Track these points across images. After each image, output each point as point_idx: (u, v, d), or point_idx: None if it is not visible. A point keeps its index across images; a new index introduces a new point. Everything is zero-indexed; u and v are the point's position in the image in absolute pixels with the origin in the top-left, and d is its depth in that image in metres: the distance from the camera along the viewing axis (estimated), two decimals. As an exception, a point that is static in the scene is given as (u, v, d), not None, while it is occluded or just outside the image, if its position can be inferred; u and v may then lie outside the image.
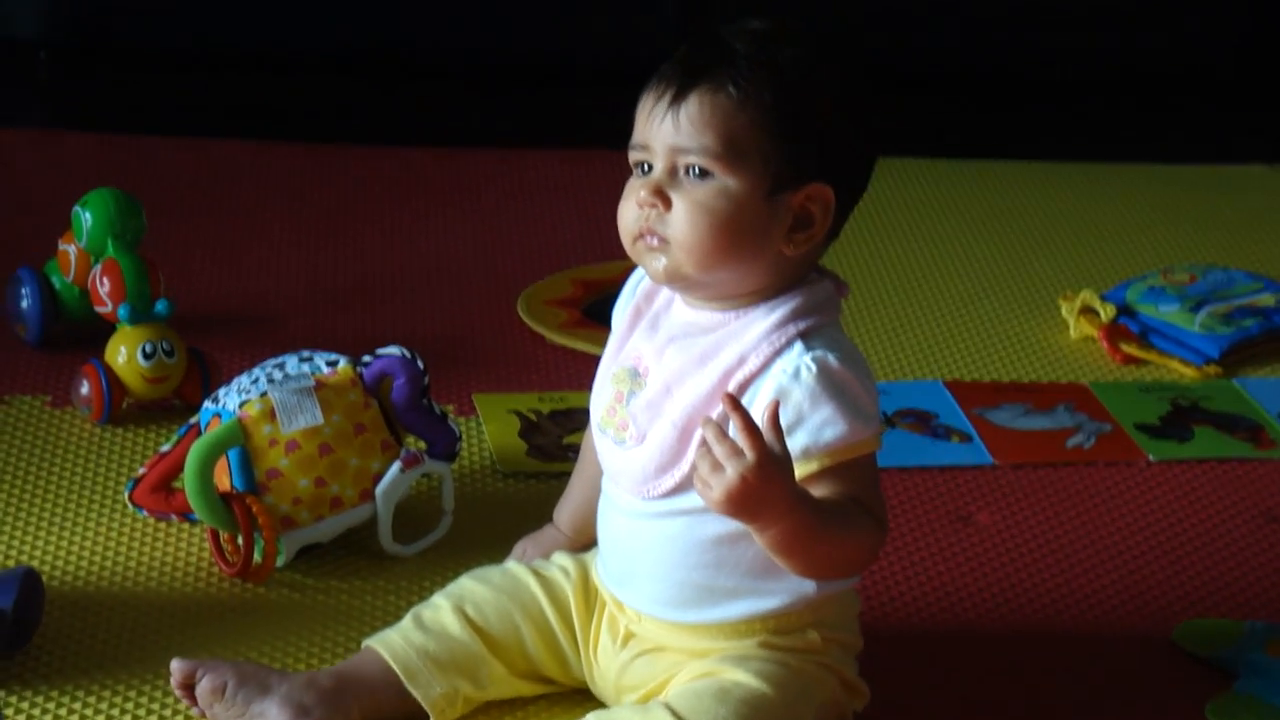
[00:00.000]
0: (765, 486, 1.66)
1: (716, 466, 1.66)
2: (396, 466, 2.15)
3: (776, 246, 1.80)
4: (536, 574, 1.97)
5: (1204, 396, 2.60)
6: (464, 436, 2.34)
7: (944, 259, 2.95)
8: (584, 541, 2.01)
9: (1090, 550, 2.27)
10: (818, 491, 1.77)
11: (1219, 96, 3.60)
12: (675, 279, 1.81)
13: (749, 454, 1.65)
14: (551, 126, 3.16)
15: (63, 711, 1.91)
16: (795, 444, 1.76)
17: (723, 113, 1.77)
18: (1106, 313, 2.71)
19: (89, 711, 1.91)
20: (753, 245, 1.79)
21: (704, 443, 1.68)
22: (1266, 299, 2.77)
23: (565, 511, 2.08)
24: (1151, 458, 2.46)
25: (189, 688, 1.89)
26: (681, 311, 1.87)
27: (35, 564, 2.12)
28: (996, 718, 1.98)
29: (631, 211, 1.81)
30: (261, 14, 3.38)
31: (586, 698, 1.94)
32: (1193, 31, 3.56)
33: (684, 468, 1.79)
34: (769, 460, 1.66)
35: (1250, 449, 2.49)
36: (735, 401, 1.67)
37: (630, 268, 1.90)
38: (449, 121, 3.32)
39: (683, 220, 1.78)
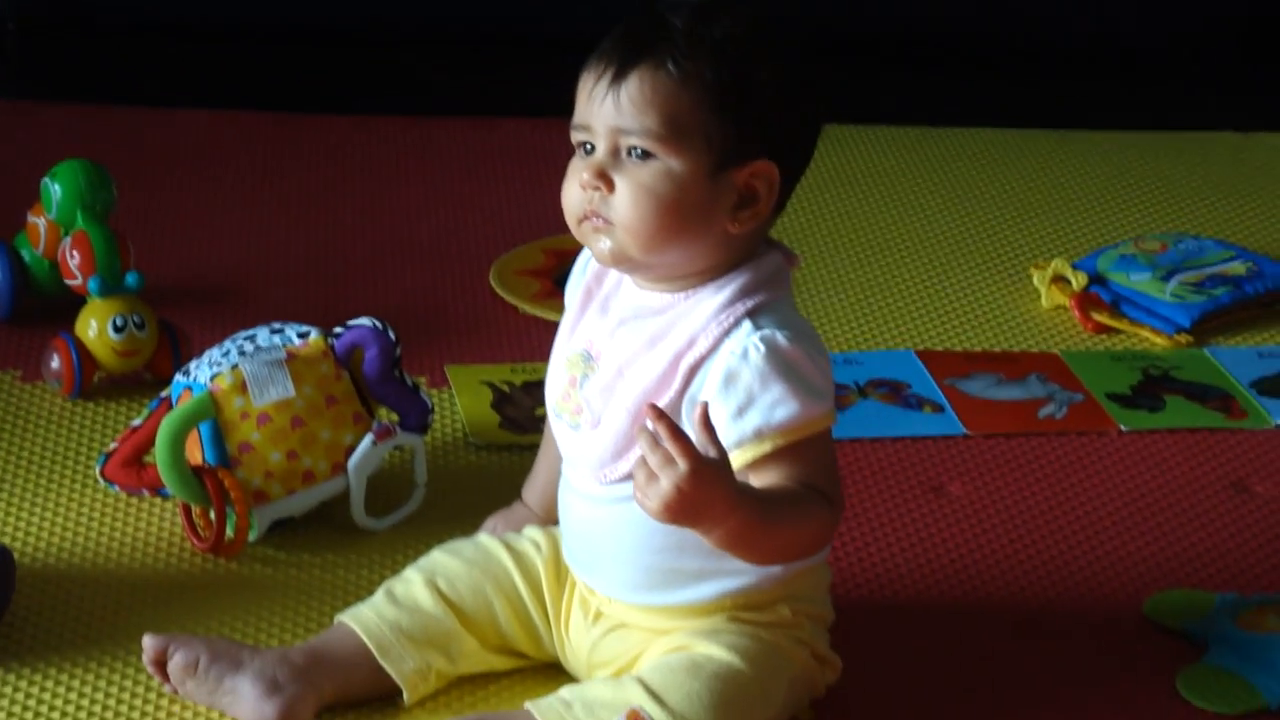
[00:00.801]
0: (701, 493, 1.65)
1: (651, 476, 1.65)
2: (369, 439, 2.15)
3: (722, 225, 1.79)
4: (508, 547, 1.97)
5: (1175, 366, 2.60)
6: (436, 408, 2.35)
7: (915, 227, 2.95)
8: (553, 519, 2.01)
9: (1061, 521, 2.27)
10: (772, 474, 1.77)
11: (1191, 64, 3.60)
12: (621, 261, 1.81)
13: (681, 463, 1.64)
14: (523, 94, 3.15)
15: (34, 689, 1.91)
16: (748, 425, 1.76)
17: (664, 92, 1.76)
18: (1078, 281, 2.72)
19: (60, 689, 1.91)
20: (698, 225, 1.78)
21: (641, 454, 1.67)
22: (1238, 267, 2.77)
23: (534, 491, 2.08)
24: (1123, 428, 2.47)
25: (161, 664, 1.89)
26: (631, 293, 1.86)
27: (5, 541, 2.12)
28: (968, 689, 1.99)
29: (575, 193, 1.80)
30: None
31: (559, 672, 1.95)
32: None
33: (639, 451, 1.79)
34: (702, 466, 1.64)
35: (1221, 419, 2.49)
36: (658, 411, 1.66)
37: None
38: (420, 90, 3.31)
39: (626, 203, 1.77)
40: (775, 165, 1.80)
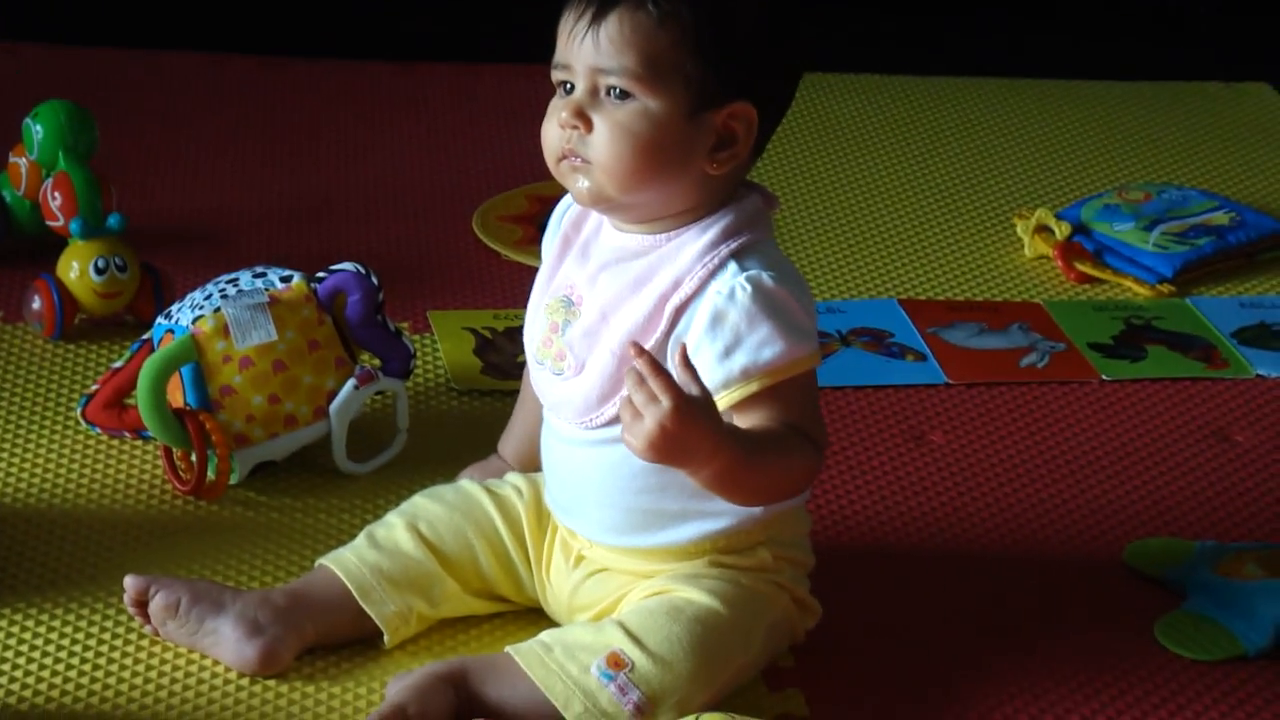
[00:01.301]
0: (686, 430, 1.65)
1: (636, 415, 1.65)
2: (351, 384, 2.16)
3: (700, 166, 1.80)
4: (490, 492, 1.97)
5: (1157, 316, 2.61)
6: (418, 354, 2.35)
7: (899, 176, 2.96)
8: (531, 470, 2.01)
9: (1042, 470, 2.28)
10: (758, 414, 1.78)
11: (1174, 13, 3.60)
12: (599, 201, 1.81)
13: (665, 399, 1.64)
14: (507, 40, 3.14)
15: (15, 629, 1.91)
16: (734, 365, 1.77)
17: (643, 32, 1.76)
18: (1061, 231, 2.72)
19: (41, 629, 1.92)
20: (675, 166, 1.79)
21: (625, 393, 1.68)
22: (1220, 218, 2.77)
23: (509, 445, 2.08)
24: (1104, 377, 2.47)
25: (142, 605, 1.90)
26: (611, 237, 1.86)
27: (-12, 480, 2.12)
28: (948, 636, 1.99)
29: (554, 132, 1.80)
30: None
31: (540, 617, 1.95)
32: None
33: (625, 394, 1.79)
34: (686, 403, 1.65)
35: (1202, 369, 2.50)
36: (640, 348, 1.67)
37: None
38: (405, 35, 3.31)
39: (604, 142, 1.77)
40: (754, 107, 1.80)
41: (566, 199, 1.92)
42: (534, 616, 1.95)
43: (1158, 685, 1.94)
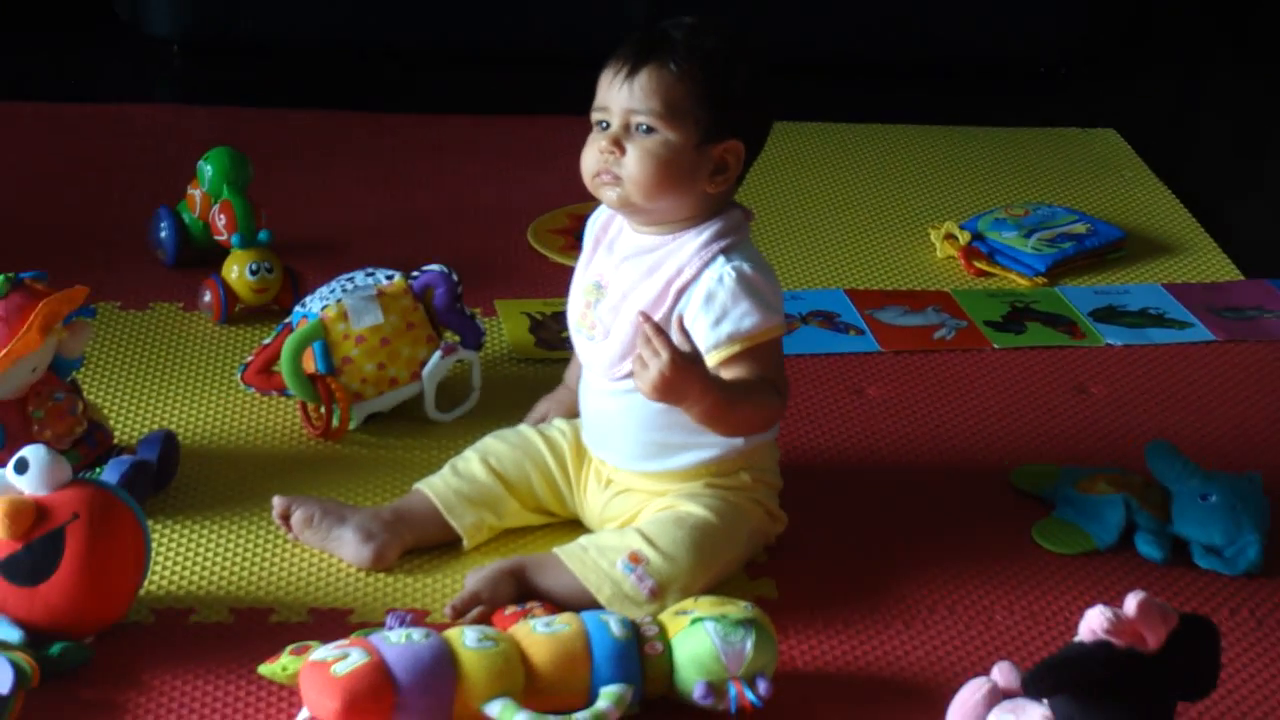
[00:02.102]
0: (680, 376, 1.68)
1: (644, 365, 1.68)
2: (438, 354, 2.15)
3: (702, 186, 1.81)
4: (541, 434, 1.97)
5: (1034, 300, 2.59)
6: (488, 332, 2.34)
7: (844, 198, 2.94)
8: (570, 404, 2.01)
9: (950, 415, 2.27)
10: (739, 369, 1.79)
11: (1047, 75, 3.58)
12: (625, 205, 1.82)
13: (663, 353, 1.67)
14: (550, 98, 3.14)
15: (193, 535, 1.92)
16: (722, 331, 1.78)
17: (666, 84, 1.78)
18: (963, 238, 2.71)
19: (211, 535, 1.92)
20: (685, 184, 1.80)
21: (638, 350, 1.69)
22: (1080, 228, 2.76)
23: (570, 376, 2.07)
24: (996, 346, 2.46)
25: (285, 517, 1.91)
26: (630, 237, 1.87)
27: (172, 427, 2.12)
28: (881, 539, 1.99)
29: (593, 156, 1.82)
30: (335, 15, 3.36)
31: (579, 526, 1.95)
32: (1024, 27, 3.54)
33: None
34: (680, 358, 1.68)
35: (1068, 339, 2.49)
36: (647, 316, 1.70)
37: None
38: (474, 95, 3.29)
39: (634, 163, 1.79)
40: (742, 144, 1.80)
41: (595, 212, 1.92)
42: (574, 526, 1.96)
43: (1034, 572, 1.94)
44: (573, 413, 2.01)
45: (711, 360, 1.77)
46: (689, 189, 1.81)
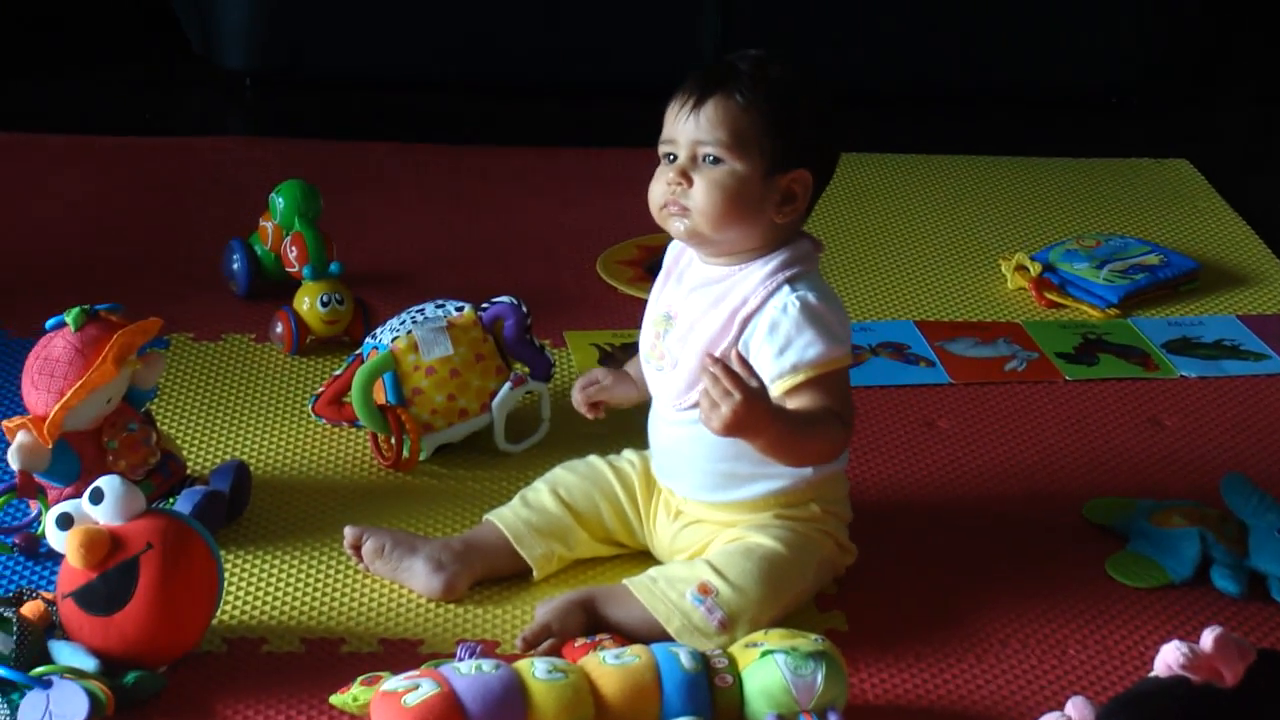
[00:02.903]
0: (749, 413, 1.68)
1: (714, 405, 1.67)
2: (507, 386, 2.16)
3: (769, 216, 1.81)
4: (611, 465, 1.97)
5: (1107, 332, 2.58)
6: (557, 363, 2.35)
7: (915, 230, 2.93)
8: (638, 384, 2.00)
9: (1021, 446, 2.26)
10: (803, 399, 1.78)
11: (1119, 106, 3.57)
12: (693, 237, 1.83)
13: (736, 394, 1.67)
14: (619, 130, 3.15)
15: (265, 565, 1.93)
16: (786, 361, 1.78)
17: (732, 115, 1.78)
18: (1035, 269, 2.70)
19: (283, 566, 1.93)
20: (752, 214, 1.80)
21: (704, 388, 1.69)
22: (1153, 259, 2.75)
23: (631, 368, 2.02)
24: (1067, 378, 2.45)
25: (357, 548, 1.91)
26: (699, 268, 1.87)
27: (244, 458, 2.13)
28: (952, 571, 1.98)
29: (660, 188, 1.82)
30: (404, 48, 3.38)
31: (648, 558, 1.95)
32: (1096, 57, 3.53)
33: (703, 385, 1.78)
34: (750, 395, 1.67)
35: (1141, 371, 2.47)
36: (713, 358, 1.69)
37: (677, 237, 1.89)
38: (544, 127, 3.31)
39: (702, 193, 1.79)
40: (809, 174, 1.80)
41: (674, 243, 1.92)
42: (644, 557, 1.95)
43: (1108, 606, 1.93)
44: (621, 394, 2.00)
45: (775, 390, 1.77)
46: (756, 219, 1.81)
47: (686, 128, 1.80)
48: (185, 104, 3.42)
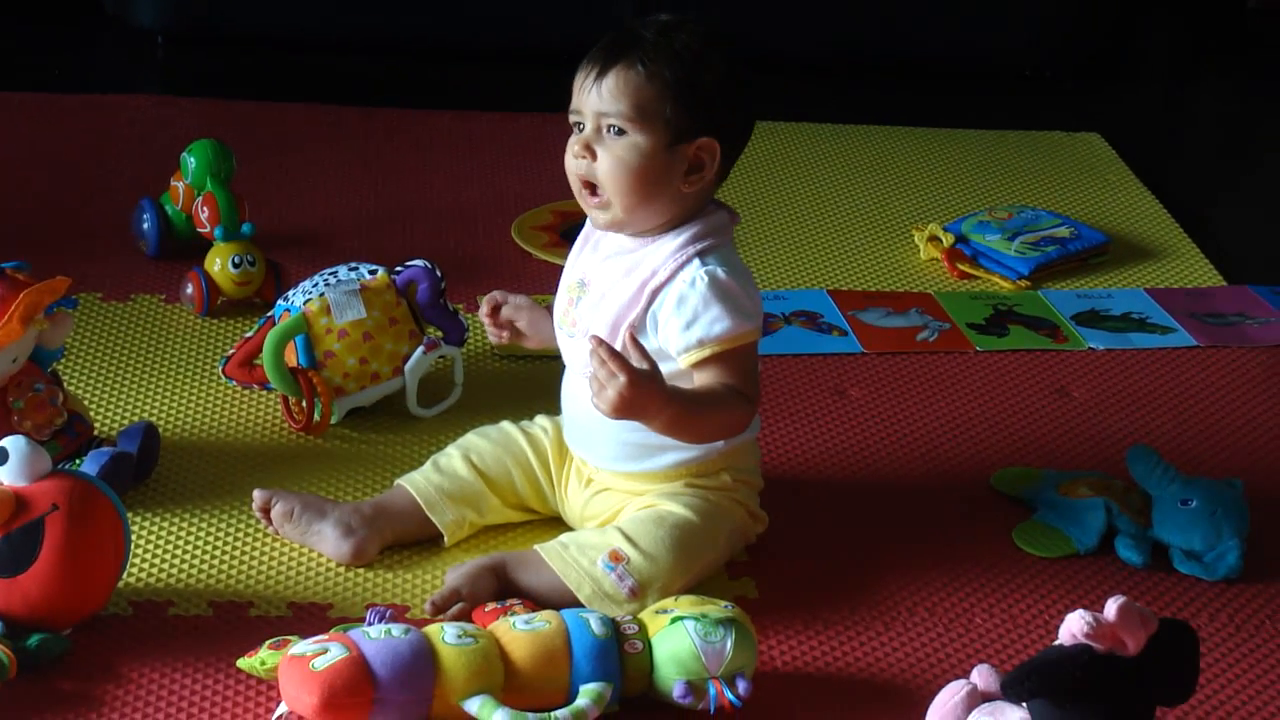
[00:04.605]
0: (637, 395, 1.68)
1: (602, 386, 1.68)
2: (420, 350, 2.15)
3: (676, 186, 1.80)
4: (524, 431, 1.97)
5: (1017, 304, 2.60)
6: (471, 328, 2.34)
7: (829, 199, 2.94)
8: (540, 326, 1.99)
9: (932, 416, 2.27)
10: (708, 373, 1.79)
11: (1032, 79, 3.59)
12: (612, 226, 1.83)
13: (620, 375, 1.67)
14: (536, 95, 3.13)
15: (173, 528, 1.91)
16: (692, 335, 1.78)
17: (633, 85, 1.77)
18: (947, 240, 2.71)
19: (191, 528, 1.92)
20: (659, 185, 1.80)
21: (592, 371, 1.69)
22: (1063, 231, 2.77)
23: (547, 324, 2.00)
24: (978, 348, 2.46)
25: (266, 511, 1.90)
26: (614, 238, 1.87)
27: (153, 419, 2.11)
28: (861, 539, 1.99)
29: (570, 159, 1.82)
30: (320, 8, 3.36)
31: (559, 524, 1.95)
32: (1009, 31, 3.55)
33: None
34: (635, 376, 1.67)
35: (1050, 342, 2.49)
36: (599, 340, 1.69)
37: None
38: (458, 90, 3.29)
39: (605, 168, 1.79)
40: (717, 142, 1.79)
41: None
42: (555, 524, 1.95)
43: (1014, 575, 1.94)
44: (530, 323, 1.98)
45: (682, 363, 1.78)
46: (663, 190, 1.80)
47: (590, 99, 1.79)
48: (96, 63, 3.37)
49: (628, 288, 1.82)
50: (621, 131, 1.78)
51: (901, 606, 1.87)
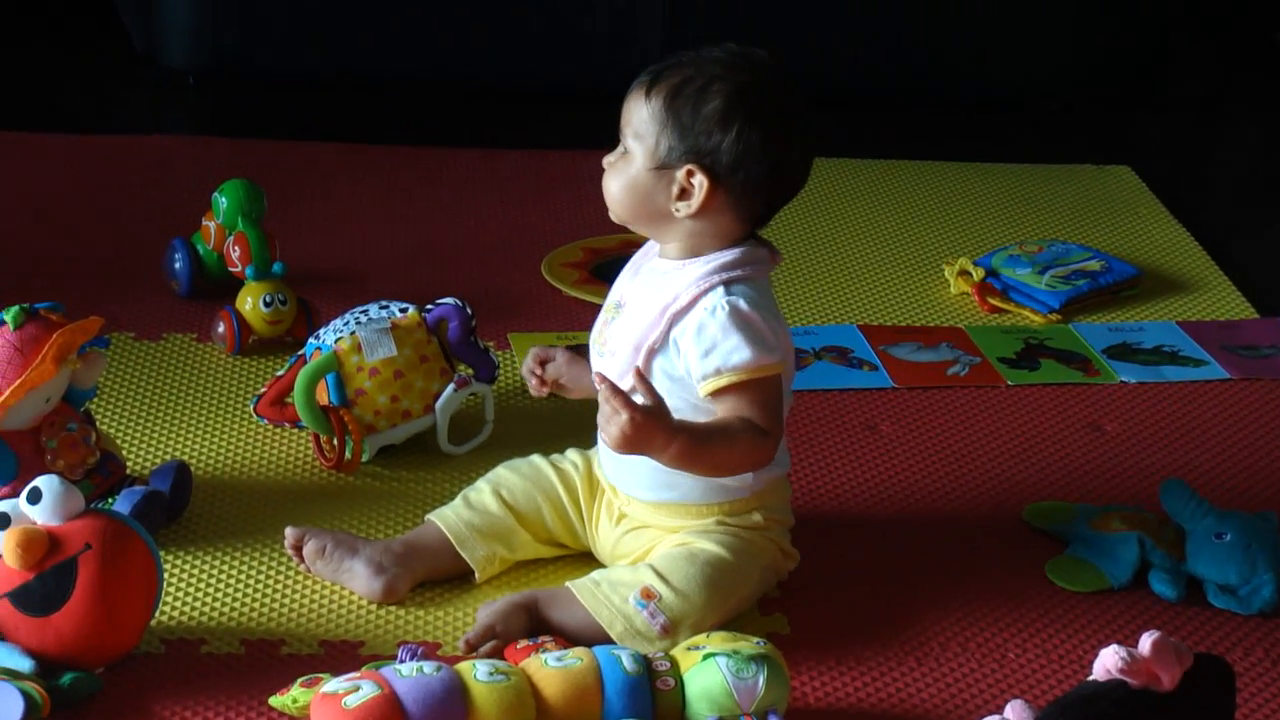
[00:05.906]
0: (642, 431, 1.69)
1: (607, 421, 1.70)
2: (451, 387, 2.15)
3: (666, 208, 1.82)
4: (554, 466, 1.97)
5: (1048, 337, 2.59)
6: (501, 365, 2.34)
7: (858, 234, 2.94)
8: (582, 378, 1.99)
9: (963, 451, 2.27)
10: (726, 403, 1.79)
11: (1062, 112, 3.59)
12: (616, 220, 1.87)
13: (623, 413, 1.68)
14: (566, 132, 3.15)
15: (205, 566, 1.92)
16: (710, 364, 1.79)
17: (635, 109, 1.81)
18: (977, 274, 2.71)
19: (223, 567, 1.92)
20: (645, 204, 1.83)
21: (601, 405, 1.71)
22: (1094, 265, 2.76)
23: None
24: (1009, 383, 2.46)
25: (298, 548, 1.91)
26: (654, 262, 1.89)
27: (185, 458, 2.12)
28: (893, 575, 1.99)
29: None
30: (350, 48, 3.37)
31: (591, 560, 1.95)
32: (1039, 64, 3.55)
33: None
34: (638, 413, 1.69)
35: (1081, 376, 2.48)
36: (603, 378, 1.72)
37: (624, 239, 1.90)
38: (490, 128, 3.30)
39: (605, 177, 1.85)
40: (706, 174, 1.78)
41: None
42: (586, 559, 1.95)
43: (1048, 610, 1.94)
44: (573, 377, 1.99)
45: (701, 391, 1.79)
46: (650, 208, 1.83)
47: (622, 115, 1.84)
48: (127, 103, 3.39)
49: (651, 310, 1.82)
50: (627, 149, 1.84)
51: (934, 641, 1.86)
